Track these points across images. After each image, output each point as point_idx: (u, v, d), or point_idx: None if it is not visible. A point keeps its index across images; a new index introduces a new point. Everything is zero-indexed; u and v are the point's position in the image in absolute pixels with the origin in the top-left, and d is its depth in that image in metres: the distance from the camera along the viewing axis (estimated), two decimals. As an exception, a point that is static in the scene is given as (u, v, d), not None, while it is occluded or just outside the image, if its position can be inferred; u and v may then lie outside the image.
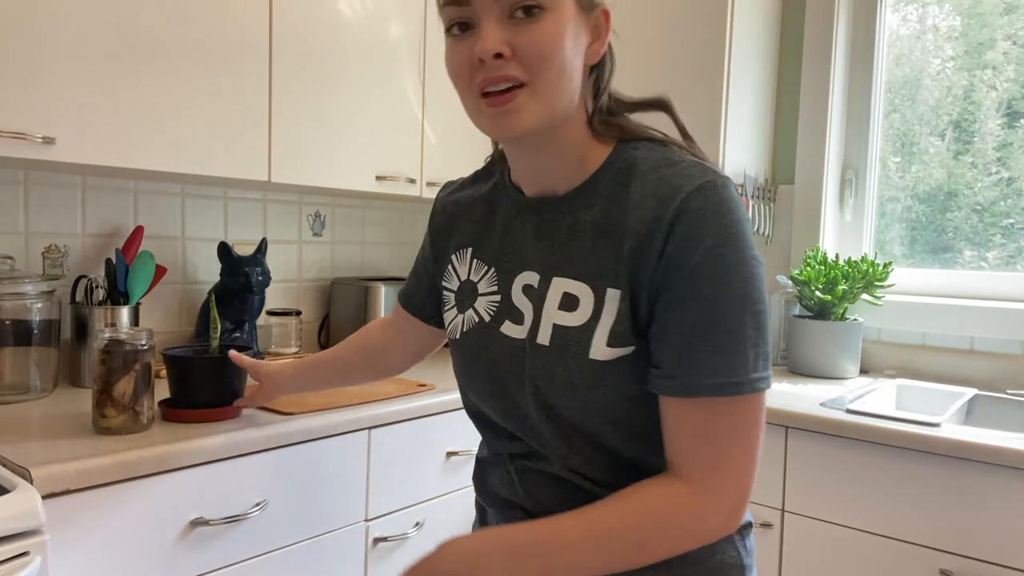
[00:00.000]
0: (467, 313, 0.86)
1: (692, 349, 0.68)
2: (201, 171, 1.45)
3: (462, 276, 0.88)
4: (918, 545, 1.44)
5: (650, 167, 0.74)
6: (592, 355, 0.73)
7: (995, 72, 1.99)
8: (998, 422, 1.77)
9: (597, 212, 0.75)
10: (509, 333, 0.80)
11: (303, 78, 1.59)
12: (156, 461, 1.12)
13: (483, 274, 0.85)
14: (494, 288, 0.84)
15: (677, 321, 0.69)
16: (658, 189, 0.71)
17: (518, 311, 0.80)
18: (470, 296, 0.86)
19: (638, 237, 0.71)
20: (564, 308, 0.76)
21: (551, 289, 0.77)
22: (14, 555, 0.93)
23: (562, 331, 0.75)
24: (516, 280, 0.81)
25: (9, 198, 1.51)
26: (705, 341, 0.68)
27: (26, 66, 1.21)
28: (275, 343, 1.91)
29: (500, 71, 0.70)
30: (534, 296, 0.79)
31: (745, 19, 2.00)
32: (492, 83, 0.71)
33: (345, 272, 2.15)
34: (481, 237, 0.87)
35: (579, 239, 0.76)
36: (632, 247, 0.71)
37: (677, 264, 0.68)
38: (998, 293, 1.96)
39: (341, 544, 1.41)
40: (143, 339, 1.20)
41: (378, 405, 1.45)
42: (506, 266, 0.83)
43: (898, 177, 2.16)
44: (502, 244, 0.84)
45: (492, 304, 0.83)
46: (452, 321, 0.89)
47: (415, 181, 1.84)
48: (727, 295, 0.68)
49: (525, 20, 0.70)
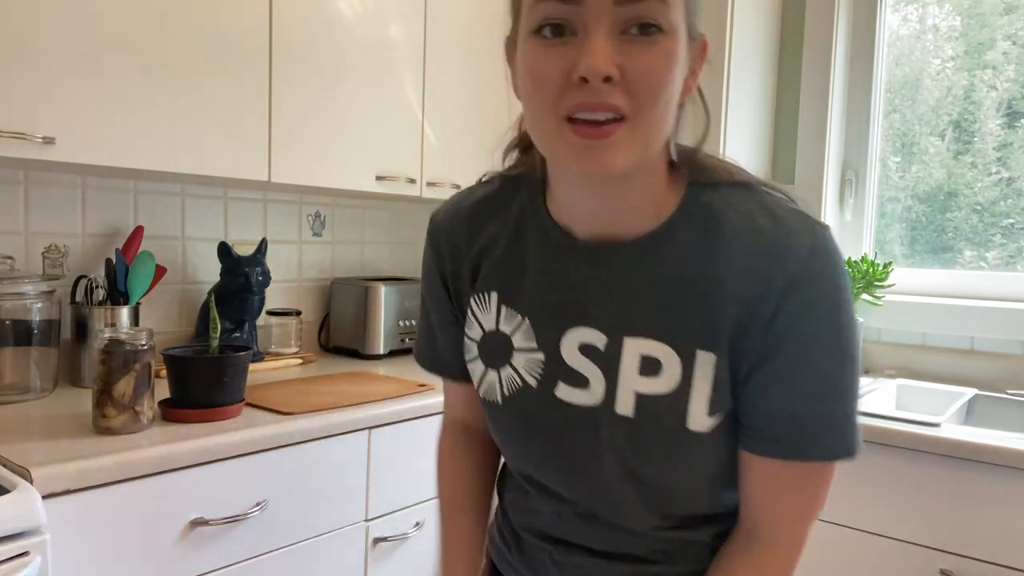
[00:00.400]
0: (504, 372, 0.74)
1: (803, 415, 0.65)
2: (201, 171, 1.45)
3: (487, 325, 0.76)
4: (918, 545, 1.44)
5: (742, 216, 0.65)
6: (690, 426, 0.66)
7: (995, 72, 1.99)
8: (998, 422, 1.77)
9: (678, 264, 0.66)
10: (570, 400, 0.70)
11: (303, 78, 1.59)
12: (156, 461, 1.12)
13: (516, 325, 0.73)
14: (533, 344, 0.72)
15: (787, 388, 0.65)
16: (761, 246, 0.63)
17: (577, 374, 0.70)
18: (503, 350, 0.74)
19: (743, 301, 0.63)
20: (646, 373, 0.67)
21: (625, 351, 0.68)
22: (14, 555, 0.93)
23: (649, 400, 0.67)
24: (567, 337, 0.70)
25: (9, 198, 1.51)
26: (817, 408, 0.65)
27: (26, 66, 1.21)
28: (275, 343, 1.91)
29: (604, 97, 0.58)
30: (601, 359, 0.69)
31: (745, 19, 2.00)
32: (589, 109, 0.59)
33: (345, 272, 2.15)
34: (508, 280, 0.74)
35: (654, 294, 0.67)
36: (736, 313, 0.64)
37: (790, 333, 0.63)
38: (998, 293, 1.96)
39: (341, 544, 1.41)
40: (143, 339, 1.20)
41: (378, 405, 1.45)
42: (549, 319, 0.71)
43: (898, 177, 2.16)
44: (541, 292, 0.72)
45: (536, 364, 0.72)
46: (482, 378, 0.77)
47: (415, 181, 1.84)
48: (840, 361, 0.64)
49: (639, 39, 0.58)
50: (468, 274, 0.78)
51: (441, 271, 0.80)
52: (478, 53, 1.97)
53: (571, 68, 0.59)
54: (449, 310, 0.81)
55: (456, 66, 1.92)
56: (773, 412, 0.65)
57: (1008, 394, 1.79)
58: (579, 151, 0.60)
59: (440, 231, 0.80)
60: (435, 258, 0.81)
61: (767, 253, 0.63)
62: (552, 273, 0.71)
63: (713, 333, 0.65)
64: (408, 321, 2.03)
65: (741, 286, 0.64)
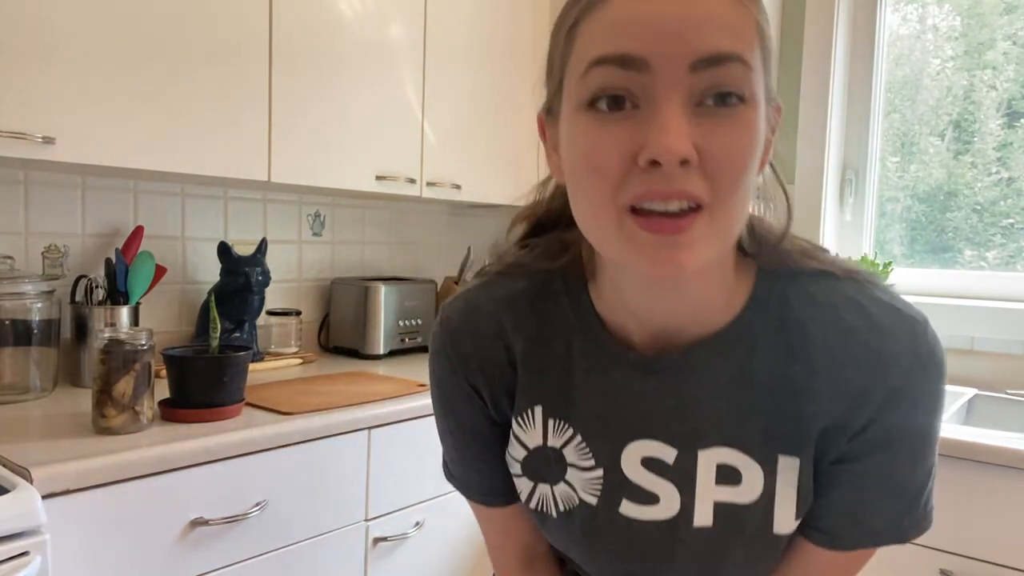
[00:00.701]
0: (558, 488, 0.66)
1: (867, 516, 0.61)
2: (201, 171, 1.45)
3: (531, 442, 0.67)
4: (918, 545, 1.44)
5: (826, 311, 0.58)
6: (777, 530, 0.61)
7: (995, 72, 1.99)
8: (998, 422, 1.77)
9: (753, 366, 0.59)
10: (638, 516, 0.64)
11: (303, 78, 1.59)
12: (156, 461, 1.12)
13: (567, 439, 0.65)
14: (589, 461, 0.64)
15: (859, 488, 0.60)
16: (855, 353, 0.56)
17: (643, 491, 0.63)
18: (555, 466, 0.66)
19: (833, 410, 0.58)
20: (724, 482, 0.61)
21: (700, 464, 0.61)
22: (14, 555, 0.93)
23: (731, 509, 0.61)
24: (627, 452, 0.63)
25: (9, 198, 1.51)
26: (883, 508, 0.60)
27: (26, 66, 1.21)
28: (275, 343, 1.91)
29: (679, 184, 0.48)
30: (672, 473, 0.62)
31: (745, 19, 2.00)
32: (661, 198, 0.49)
33: (345, 272, 2.15)
34: (552, 391, 0.65)
35: (727, 400, 0.60)
36: (824, 420, 0.58)
37: (881, 441, 0.58)
38: (998, 293, 1.96)
39: (341, 544, 1.41)
40: (143, 339, 1.20)
41: (378, 405, 1.45)
42: (603, 432, 0.63)
43: (898, 177, 2.16)
44: (593, 405, 0.63)
45: (594, 482, 0.64)
46: (531, 492, 0.68)
47: (415, 181, 1.84)
48: (921, 464, 0.59)
49: (717, 112, 0.49)
50: (502, 388, 0.67)
51: (470, 382, 0.68)
52: (478, 53, 1.97)
53: (636, 149, 0.49)
54: (487, 425, 0.70)
55: (456, 66, 1.92)
56: (836, 508, 0.61)
57: (1008, 394, 1.79)
58: (648, 249, 0.50)
59: (459, 337, 0.67)
60: (458, 368, 0.68)
61: (863, 363, 0.56)
62: (606, 384, 0.63)
63: (796, 439, 0.59)
64: (408, 321, 2.03)
65: (832, 395, 0.57)
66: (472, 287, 0.69)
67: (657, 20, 0.48)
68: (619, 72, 0.49)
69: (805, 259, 0.60)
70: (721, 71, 0.49)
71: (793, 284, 0.60)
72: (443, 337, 0.68)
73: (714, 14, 0.48)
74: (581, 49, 0.52)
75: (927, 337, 0.57)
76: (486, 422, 0.69)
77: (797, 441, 0.59)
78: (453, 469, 0.75)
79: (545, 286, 0.66)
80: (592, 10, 0.51)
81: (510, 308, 0.66)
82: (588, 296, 0.64)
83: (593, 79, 0.50)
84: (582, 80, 0.51)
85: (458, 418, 0.70)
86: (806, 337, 0.58)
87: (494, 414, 0.69)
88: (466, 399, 0.69)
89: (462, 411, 0.70)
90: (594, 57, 0.50)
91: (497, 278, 0.68)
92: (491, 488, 0.73)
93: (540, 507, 0.68)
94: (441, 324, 0.69)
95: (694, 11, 0.48)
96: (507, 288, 0.67)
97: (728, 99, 0.49)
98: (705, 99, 0.49)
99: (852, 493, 0.61)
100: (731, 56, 0.49)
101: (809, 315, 0.58)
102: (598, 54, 0.50)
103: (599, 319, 0.63)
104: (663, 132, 0.47)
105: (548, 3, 2.16)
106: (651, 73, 0.48)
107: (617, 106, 0.50)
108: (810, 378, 0.58)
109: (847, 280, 0.59)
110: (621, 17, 0.49)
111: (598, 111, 0.51)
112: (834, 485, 0.61)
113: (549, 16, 2.17)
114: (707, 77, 0.49)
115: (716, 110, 0.49)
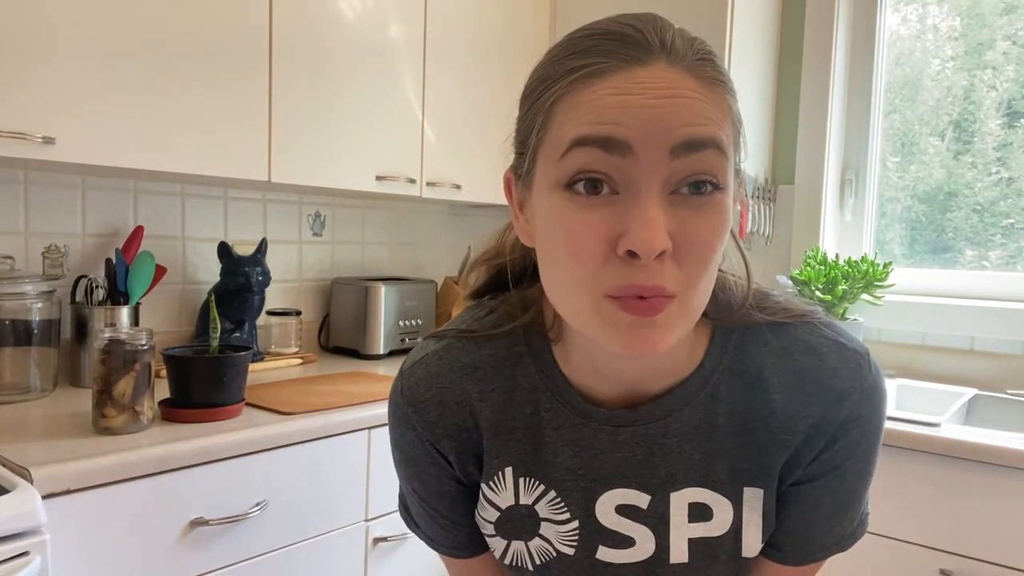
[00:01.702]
0: (532, 543, 0.67)
1: (815, 532, 0.66)
2: (201, 171, 1.45)
3: (503, 503, 0.67)
4: (918, 545, 1.44)
5: (779, 356, 0.62)
6: (745, 554, 0.66)
7: (995, 72, 1.99)
8: (998, 422, 1.77)
9: (716, 412, 0.62)
10: (615, 560, 0.66)
11: (303, 78, 1.59)
12: (156, 461, 1.12)
13: (539, 495, 0.66)
14: (564, 514, 0.65)
15: (809, 509, 0.65)
16: (808, 391, 0.61)
17: (618, 535, 0.65)
18: (528, 523, 0.67)
19: (792, 444, 0.62)
20: (696, 519, 0.64)
21: (673, 506, 0.64)
22: (14, 555, 0.93)
23: (704, 543, 0.65)
24: (601, 501, 0.64)
25: (9, 198, 1.51)
26: (829, 525, 0.66)
27: (26, 66, 1.21)
28: (275, 343, 1.91)
29: (656, 279, 0.50)
30: (644, 517, 0.64)
31: (745, 19, 2.00)
32: (638, 292, 0.50)
33: (345, 272, 2.15)
34: (522, 451, 0.66)
35: (694, 445, 0.63)
36: (786, 454, 0.63)
37: (833, 465, 0.63)
38: (998, 293, 1.96)
39: (341, 544, 1.41)
40: (143, 339, 1.20)
41: (378, 405, 1.45)
42: (576, 485, 0.65)
43: (898, 177, 2.16)
44: (565, 461, 0.65)
45: (570, 534, 0.66)
46: (505, 550, 0.69)
47: (415, 181, 1.84)
48: (865, 481, 0.65)
49: (691, 200, 0.50)
50: (469, 452, 0.67)
51: (437, 448, 0.67)
52: (478, 53, 1.97)
53: (615, 236, 0.50)
54: (453, 485, 0.69)
55: (456, 66, 1.92)
56: (789, 527, 0.66)
57: (1008, 394, 1.79)
58: (623, 330, 0.51)
59: (424, 406, 0.66)
60: (424, 435, 0.67)
61: (817, 401, 0.61)
62: (577, 441, 0.64)
63: (760, 472, 0.63)
64: (408, 321, 2.03)
65: (791, 431, 0.61)
66: (431, 352, 0.67)
67: (640, 104, 0.49)
68: (601, 155, 0.50)
69: (759, 309, 0.63)
70: (698, 157, 0.50)
71: (749, 332, 0.63)
72: (405, 407, 0.67)
73: (693, 100, 0.50)
74: (560, 127, 0.52)
75: (871, 370, 0.62)
76: (452, 482, 0.69)
77: (761, 474, 0.63)
78: (419, 521, 0.74)
79: (508, 350, 0.66)
80: (573, 91, 0.52)
81: (474, 376, 0.66)
82: (552, 357, 0.65)
83: (573, 159, 0.51)
84: (561, 160, 0.51)
85: (423, 480, 0.69)
86: (763, 380, 0.62)
87: (461, 476, 0.69)
88: (431, 463, 0.68)
89: (427, 473, 0.69)
90: (575, 137, 0.50)
91: (458, 342, 0.67)
92: (457, 542, 0.73)
93: (515, 562, 0.69)
94: (402, 392, 0.67)
95: (676, 97, 0.50)
96: (470, 355, 0.66)
97: (703, 188, 0.50)
98: (680, 187, 0.50)
99: (804, 512, 0.65)
100: (710, 142, 0.50)
101: (765, 360, 0.62)
102: (580, 135, 0.50)
103: (567, 381, 0.64)
104: (644, 227, 0.48)
105: (548, 3, 2.16)
106: (633, 157, 0.49)
107: (595, 190, 0.50)
108: (770, 417, 0.62)
109: (797, 324, 0.63)
110: (605, 100, 0.50)
111: (576, 193, 0.51)
112: (787, 506, 0.66)
113: (549, 16, 2.17)
114: (686, 163, 0.50)
115: (690, 199, 0.50)
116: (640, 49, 0.51)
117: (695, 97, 0.50)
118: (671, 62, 0.51)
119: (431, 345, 0.68)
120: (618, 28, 0.52)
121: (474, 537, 0.72)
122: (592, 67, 0.51)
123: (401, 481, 0.73)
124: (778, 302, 0.65)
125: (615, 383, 0.62)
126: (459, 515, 0.71)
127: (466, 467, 0.68)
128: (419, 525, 0.74)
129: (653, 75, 0.50)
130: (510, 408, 0.65)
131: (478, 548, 0.73)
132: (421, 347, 0.69)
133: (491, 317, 0.68)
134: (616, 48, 0.51)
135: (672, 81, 0.50)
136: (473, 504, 0.71)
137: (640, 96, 0.49)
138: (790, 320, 0.63)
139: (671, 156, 0.49)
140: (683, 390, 0.62)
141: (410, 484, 0.71)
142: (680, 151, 0.49)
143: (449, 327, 0.69)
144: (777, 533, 0.67)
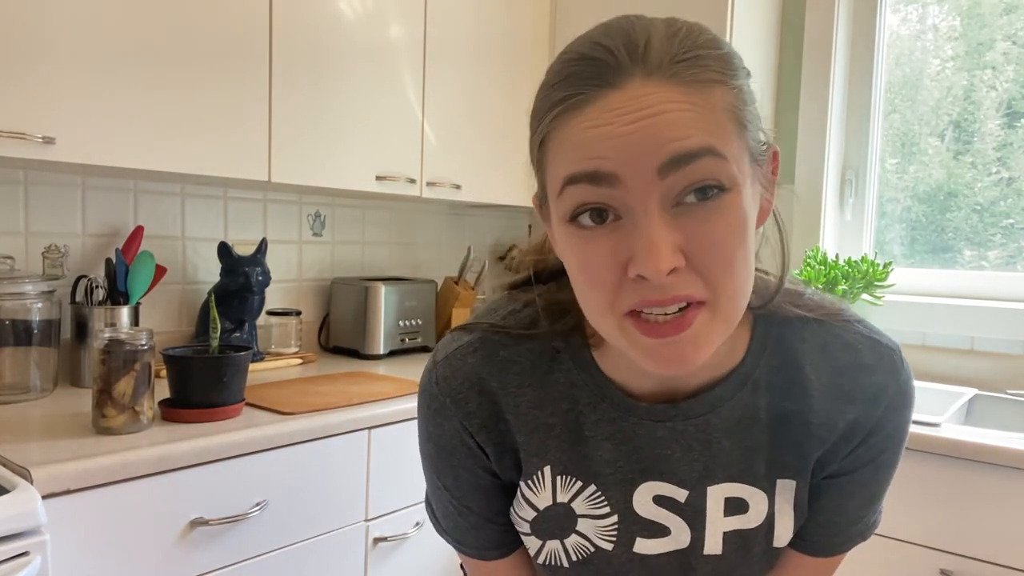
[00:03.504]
0: (568, 540, 0.67)
1: (844, 525, 0.69)
2: (201, 171, 1.45)
3: (541, 503, 0.67)
4: (918, 545, 1.44)
5: (818, 352, 0.63)
6: (777, 544, 0.67)
7: (995, 72, 1.99)
8: (998, 422, 1.77)
9: (756, 406, 0.63)
10: (651, 551, 0.66)
11: (303, 78, 1.59)
12: (156, 461, 1.12)
13: (577, 491, 0.66)
14: (603, 508, 0.65)
15: (840, 501, 0.67)
16: (847, 387, 0.62)
17: (655, 525, 0.66)
18: (564, 521, 0.67)
19: (829, 439, 0.63)
20: (732, 513, 0.65)
21: (710, 500, 0.65)
22: (14, 555, 0.93)
23: (738, 535, 0.66)
24: (638, 492, 0.65)
25: (9, 198, 1.51)
26: (858, 517, 0.69)
27: (26, 66, 1.21)
28: (275, 343, 1.91)
29: (672, 291, 0.50)
30: (681, 509, 0.65)
31: (745, 19, 2.00)
32: (657, 306, 0.50)
33: (345, 272, 2.15)
34: (561, 449, 0.65)
35: (733, 439, 0.63)
36: (822, 448, 0.64)
37: (867, 459, 0.65)
38: (998, 293, 1.96)
39: (341, 544, 1.41)
40: (143, 339, 1.20)
41: (378, 405, 1.45)
42: (615, 478, 0.65)
43: (898, 177, 2.16)
44: (606, 456, 0.65)
45: (609, 528, 0.66)
46: (540, 549, 0.69)
47: (415, 181, 1.84)
48: (893, 472, 0.68)
49: (698, 207, 0.50)
50: (504, 445, 0.67)
51: (475, 438, 0.66)
52: (478, 53, 1.97)
53: (625, 260, 0.50)
54: (489, 478, 0.69)
55: (456, 66, 1.92)
56: (820, 520, 0.68)
57: (1008, 394, 1.79)
58: (651, 350, 0.52)
59: (463, 395, 0.65)
60: (464, 424, 0.66)
61: (856, 397, 0.62)
62: (616, 435, 0.64)
63: (795, 465, 0.65)
64: (408, 321, 2.03)
65: (828, 427, 0.63)
66: (465, 344, 0.67)
67: (619, 134, 0.49)
68: (592, 189, 0.50)
69: (795, 306, 0.64)
70: (690, 169, 0.49)
71: (788, 327, 0.64)
72: (442, 397, 0.66)
73: (675, 112, 0.49)
74: (553, 166, 0.53)
75: (904, 365, 0.64)
76: (487, 476, 0.69)
77: (795, 468, 0.65)
78: (445, 524, 0.73)
79: (545, 346, 0.66)
80: (558, 127, 0.52)
81: (512, 370, 0.65)
82: (590, 353, 0.65)
83: (569, 197, 0.51)
84: (560, 198, 0.53)
85: (457, 474, 0.68)
86: (803, 376, 0.63)
87: (497, 469, 0.68)
88: (468, 454, 0.67)
89: (463, 466, 0.68)
90: (566, 176, 0.51)
91: (494, 335, 0.66)
92: (487, 542, 0.72)
93: (550, 561, 0.69)
94: (438, 383, 0.66)
95: (654, 116, 0.48)
96: (508, 349, 0.66)
97: (708, 192, 0.50)
98: (684, 197, 0.50)
99: (837, 504, 0.67)
100: (697, 152, 0.49)
101: (804, 356, 0.63)
102: (569, 173, 0.51)
103: (606, 378, 0.64)
104: (648, 252, 0.48)
105: (548, 3, 2.16)
106: (623, 186, 0.49)
107: (600, 219, 0.51)
108: (808, 413, 0.63)
109: (833, 321, 0.65)
110: (587, 134, 0.50)
111: (581, 226, 0.52)
112: (819, 498, 0.67)
113: (549, 16, 2.17)
114: (679, 178, 0.49)
115: (697, 206, 0.50)
116: (612, 72, 0.50)
117: (676, 108, 0.49)
118: (647, 75, 0.49)
119: (464, 337, 0.67)
120: (590, 50, 0.51)
121: (505, 536, 0.71)
122: (570, 100, 0.51)
123: (430, 479, 0.72)
124: (812, 299, 0.65)
125: (654, 379, 0.63)
126: (492, 512, 0.70)
127: (502, 461, 0.67)
128: (446, 529, 0.73)
129: (627, 98, 0.49)
130: (547, 404, 0.65)
131: (508, 548, 0.72)
132: (453, 338, 0.68)
133: (526, 312, 0.67)
134: (590, 75, 0.50)
135: (648, 99, 0.49)
136: (507, 501, 0.70)
137: (616, 125, 0.49)
138: (825, 317, 0.65)
139: (660, 176, 0.49)
140: (724, 387, 0.63)
141: (442, 480, 0.70)
142: (668, 169, 0.49)
143: (481, 319, 0.68)
144: (808, 525, 0.68)
